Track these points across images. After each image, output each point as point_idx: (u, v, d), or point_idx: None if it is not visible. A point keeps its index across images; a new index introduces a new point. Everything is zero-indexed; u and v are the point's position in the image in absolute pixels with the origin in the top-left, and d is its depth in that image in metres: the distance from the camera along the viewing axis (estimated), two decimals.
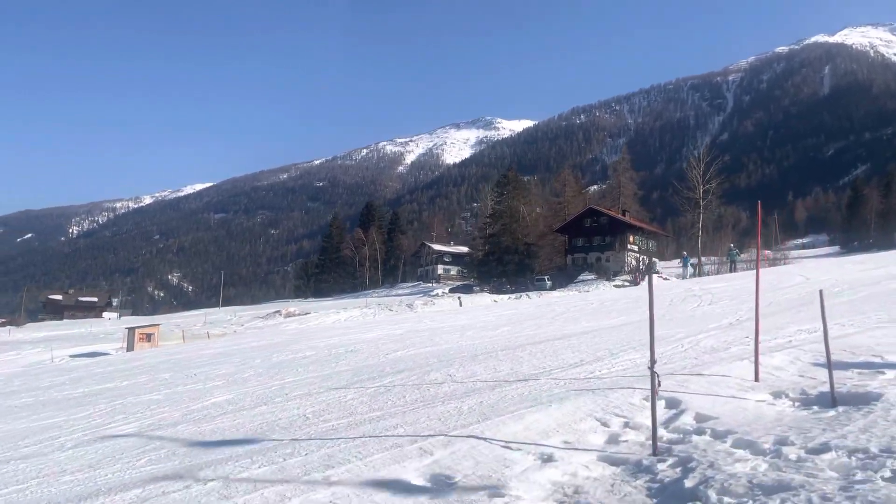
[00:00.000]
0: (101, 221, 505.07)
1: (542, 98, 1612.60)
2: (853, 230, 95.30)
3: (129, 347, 36.31)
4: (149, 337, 37.39)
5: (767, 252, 72.78)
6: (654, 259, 65.80)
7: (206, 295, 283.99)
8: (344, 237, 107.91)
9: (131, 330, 37.22)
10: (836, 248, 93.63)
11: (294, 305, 59.51)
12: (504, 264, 68.22)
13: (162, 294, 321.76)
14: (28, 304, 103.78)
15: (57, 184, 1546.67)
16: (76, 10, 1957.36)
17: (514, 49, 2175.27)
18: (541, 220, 74.05)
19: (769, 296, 13.24)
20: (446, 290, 64.16)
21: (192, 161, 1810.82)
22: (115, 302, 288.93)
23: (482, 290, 61.97)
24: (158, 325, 38.44)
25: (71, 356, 34.60)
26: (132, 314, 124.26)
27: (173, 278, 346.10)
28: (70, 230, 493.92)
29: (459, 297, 56.47)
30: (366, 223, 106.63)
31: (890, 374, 5.91)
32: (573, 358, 7.79)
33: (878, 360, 6.39)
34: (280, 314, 51.68)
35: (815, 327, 8.32)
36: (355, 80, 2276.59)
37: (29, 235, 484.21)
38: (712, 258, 67.77)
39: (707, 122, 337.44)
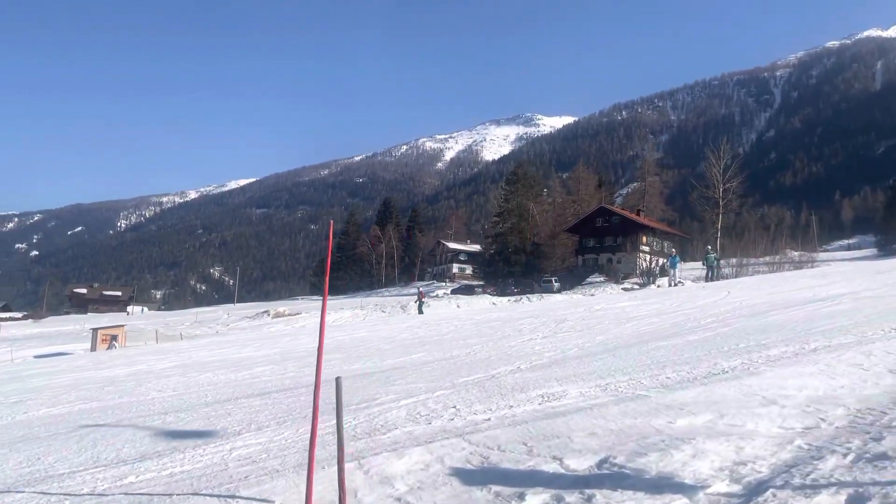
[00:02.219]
0: (147, 215, 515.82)
1: (583, 94, 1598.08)
2: (892, 231, 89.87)
3: (93, 348, 35.24)
4: (113, 338, 36.12)
5: (794, 253, 68.95)
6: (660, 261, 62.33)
7: (247, 289, 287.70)
8: (361, 234, 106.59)
9: (95, 331, 36.08)
10: (873, 251, 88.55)
11: (284, 305, 58.20)
12: (511, 264, 65.77)
13: (204, 287, 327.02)
14: (51, 298, 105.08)
15: (108, 179, 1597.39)
16: (125, 10, 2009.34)
17: (555, 45, 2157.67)
18: (550, 219, 71.21)
19: (626, 326, 10.86)
20: (447, 291, 62.01)
21: (237, 157, 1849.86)
22: (159, 294, 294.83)
23: (484, 292, 59.62)
24: (123, 325, 37.18)
25: (35, 356, 33.63)
26: (161, 308, 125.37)
27: (215, 272, 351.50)
28: (118, 224, 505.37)
29: (458, 300, 54.54)
30: (383, 220, 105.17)
31: (533, 500, 3.75)
32: (159, 445, 5.71)
33: (551, 466, 4.22)
34: (268, 314, 50.39)
35: (563, 390, 6.06)
36: (396, 77, 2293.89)
37: (79, 228, 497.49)
38: (731, 260, 64.26)
39: (753, 119, 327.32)
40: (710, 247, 38.13)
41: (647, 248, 65.11)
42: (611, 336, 9.63)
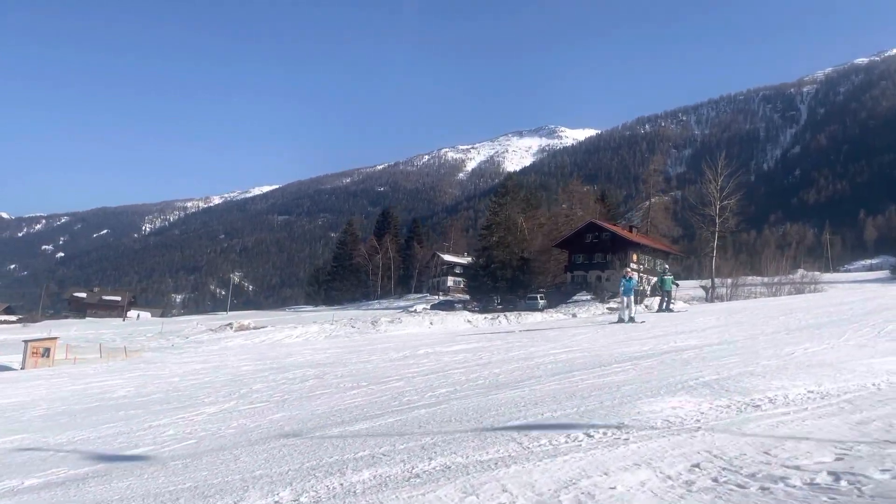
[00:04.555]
0: (171, 220, 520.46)
1: (606, 107, 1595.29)
2: None
3: (23, 364, 33.59)
4: (45, 352, 34.37)
5: (797, 273, 66.04)
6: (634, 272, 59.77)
7: (265, 294, 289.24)
8: (358, 245, 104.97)
9: (26, 343, 34.38)
10: (886, 274, 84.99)
11: (250, 318, 56.78)
12: (496, 280, 63.62)
13: (223, 293, 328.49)
14: (47, 302, 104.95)
15: (134, 182, 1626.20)
16: (153, 16, 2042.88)
17: (580, 58, 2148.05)
18: (540, 235, 68.88)
19: (350, 393, 8.81)
20: (427, 307, 60.07)
21: (261, 164, 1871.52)
22: (179, 298, 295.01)
23: (465, 308, 57.64)
24: (56, 338, 35.51)
25: None
26: (162, 314, 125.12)
27: (235, 277, 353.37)
28: (143, 227, 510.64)
29: (433, 317, 52.64)
30: (381, 231, 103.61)
31: None
32: None
33: None
34: (230, 327, 48.93)
35: None
36: (421, 87, 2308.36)
37: (105, 231, 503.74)
38: (727, 281, 61.52)
39: (778, 135, 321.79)
40: (666, 267, 29.05)
41: (635, 266, 62.67)
42: (296, 413, 7.75)
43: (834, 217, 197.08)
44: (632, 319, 19.19)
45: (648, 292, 57.67)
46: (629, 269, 20.51)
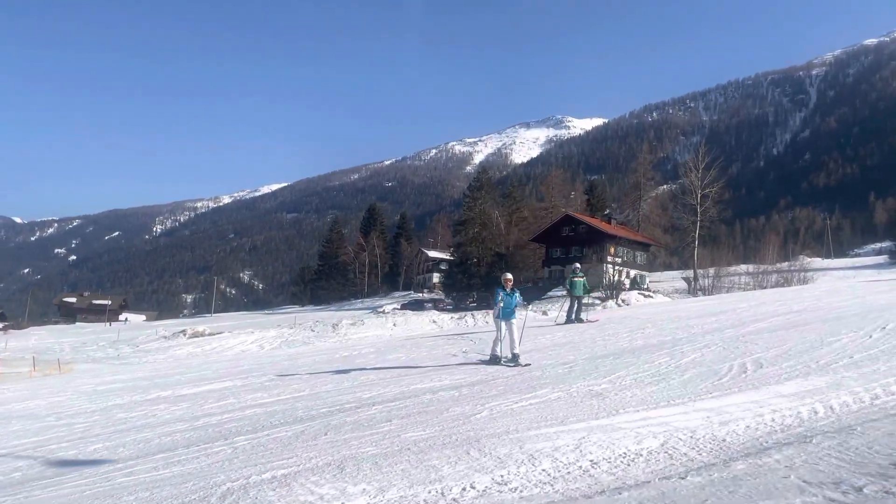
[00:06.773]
0: (182, 220, 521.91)
1: (614, 96, 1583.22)
2: None
3: None
4: None
5: (803, 258, 63.64)
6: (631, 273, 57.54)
7: (275, 293, 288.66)
8: (344, 242, 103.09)
9: None
10: (885, 259, 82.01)
11: (205, 324, 55.11)
12: (471, 276, 61.51)
13: (233, 292, 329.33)
14: (35, 308, 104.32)
15: (145, 184, 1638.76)
16: (162, 16, 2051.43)
17: (586, 46, 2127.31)
18: (515, 229, 66.50)
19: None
20: (397, 306, 58.13)
21: (270, 162, 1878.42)
22: (189, 298, 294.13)
23: (435, 307, 55.71)
24: None
25: None
26: (157, 316, 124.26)
27: (244, 276, 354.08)
28: (154, 229, 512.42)
29: (398, 318, 50.77)
30: (367, 228, 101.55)
31: None
32: None
33: None
34: (184, 334, 47.26)
35: None
36: (427, 81, 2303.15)
37: (116, 233, 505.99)
38: (710, 271, 59.12)
39: (787, 119, 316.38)
40: (577, 266, 20.13)
41: (617, 260, 60.38)
42: None
43: (844, 201, 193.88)
44: (515, 357, 11.40)
45: (627, 285, 55.53)
46: (509, 277, 12.31)
